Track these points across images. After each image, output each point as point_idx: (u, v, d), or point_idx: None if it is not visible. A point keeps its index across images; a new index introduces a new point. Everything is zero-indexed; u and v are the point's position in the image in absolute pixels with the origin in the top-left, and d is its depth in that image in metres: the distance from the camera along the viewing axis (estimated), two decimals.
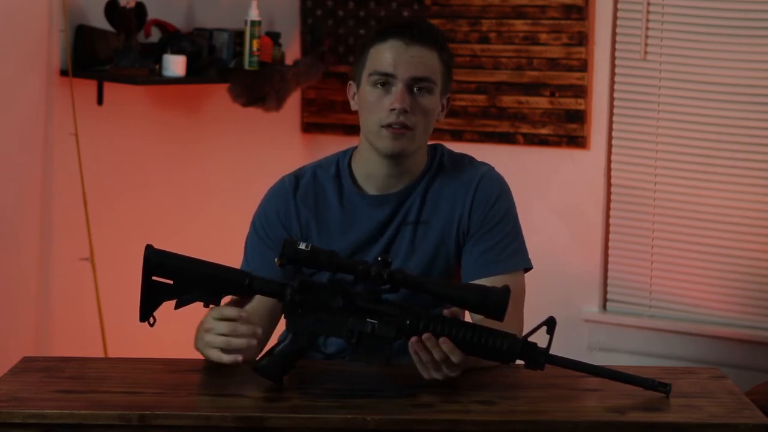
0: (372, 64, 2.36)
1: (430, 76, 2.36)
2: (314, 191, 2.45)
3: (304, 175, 2.48)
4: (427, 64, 2.36)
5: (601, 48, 4.15)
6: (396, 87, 2.34)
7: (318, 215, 2.44)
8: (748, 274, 4.00)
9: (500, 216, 2.42)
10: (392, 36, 2.35)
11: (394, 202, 2.42)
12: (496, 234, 2.40)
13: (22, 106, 3.63)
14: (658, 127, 4.09)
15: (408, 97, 2.34)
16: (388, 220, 2.42)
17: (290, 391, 2.15)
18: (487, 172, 2.46)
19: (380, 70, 2.35)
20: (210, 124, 4.25)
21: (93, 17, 3.78)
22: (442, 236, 2.41)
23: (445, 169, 2.45)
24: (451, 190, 2.43)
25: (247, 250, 2.48)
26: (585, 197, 4.20)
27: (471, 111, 4.32)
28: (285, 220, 2.44)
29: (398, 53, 2.34)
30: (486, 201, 2.42)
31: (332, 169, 2.46)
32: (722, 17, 3.97)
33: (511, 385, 2.22)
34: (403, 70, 2.34)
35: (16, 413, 2.02)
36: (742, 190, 3.98)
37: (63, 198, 3.74)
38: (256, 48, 4.09)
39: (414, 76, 2.34)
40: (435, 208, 2.42)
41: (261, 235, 2.45)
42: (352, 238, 2.41)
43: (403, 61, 2.34)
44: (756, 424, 2.02)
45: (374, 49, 2.37)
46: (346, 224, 2.42)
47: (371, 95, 2.36)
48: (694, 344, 4.06)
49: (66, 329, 3.79)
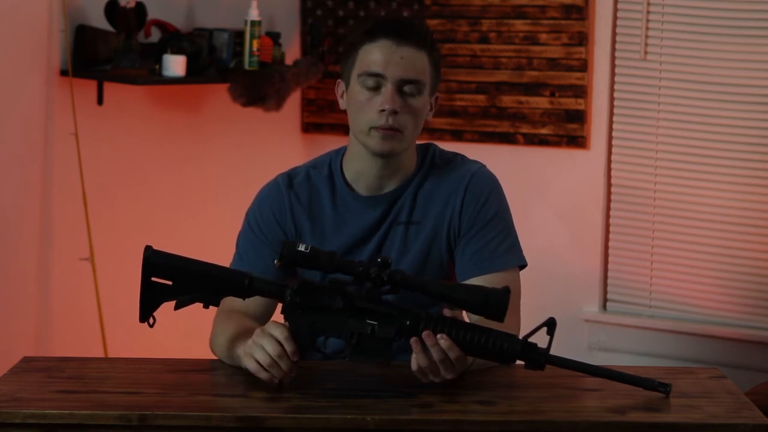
0: (361, 63, 2.35)
1: (420, 78, 2.35)
2: (308, 191, 2.46)
3: (297, 175, 2.48)
4: (416, 65, 2.35)
5: (601, 48, 4.15)
6: (385, 87, 2.33)
7: (311, 215, 2.44)
8: (748, 274, 4.00)
9: (492, 214, 2.42)
10: (382, 35, 2.34)
11: (386, 202, 2.42)
12: (488, 232, 2.40)
13: (22, 106, 3.63)
14: (658, 127, 4.09)
15: (397, 98, 2.33)
16: (380, 221, 2.42)
17: (290, 391, 2.15)
18: (477, 170, 2.45)
19: (370, 71, 2.34)
20: (210, 124, 4.25)
21: (93, 17, 3.78)
22: (434, 236, 2.42)
23: (437, 169, 2.45)
24: (441, 190, 2.43)
25: (239, 245, 2.48)
26: (585, 197, 4.20)
27: (471, 111, 4.32)
28: (279, 218, 2.44)
29: (388, 53, 2.33)
30: (477, 200, 2.41)
31: (325, 170, 2.47)
32: (722, 17, 3.96)
33: (511, 385, 2.22)
34: (392, 70, 2.33)
35: (16, 413, 2.02)
36: (742, 190, 3.98)
37: (63, 198, 3.74)
38: (256, 48, 4.09)
39: (403, 77, 2.34)
40: (426, 208, 2.42)
41: (255, 230, 2.45)
42: (344, 238, 2.42)
43: (392, 62, 2.33)
44: (756, 424, 2.02)
45: (364, 48, 2.36)
46: (339, 224, 2.43)
47: (361, 95, 2.35)
48: (694, 344, 4.06)
49: (66, 329, 3.79)
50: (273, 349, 2.13)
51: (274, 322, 2.19)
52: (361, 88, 2.35)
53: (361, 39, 2.37)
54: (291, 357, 2.13)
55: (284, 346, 2.13)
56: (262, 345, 2.14)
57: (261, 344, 2.14)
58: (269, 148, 4.44)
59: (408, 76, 2.34)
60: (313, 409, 2.05)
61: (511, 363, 2.15)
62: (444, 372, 2.12)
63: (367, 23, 2.41)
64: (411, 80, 2.34)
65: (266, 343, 2.13)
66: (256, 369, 2.15)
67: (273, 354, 2.12)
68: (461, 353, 2.11)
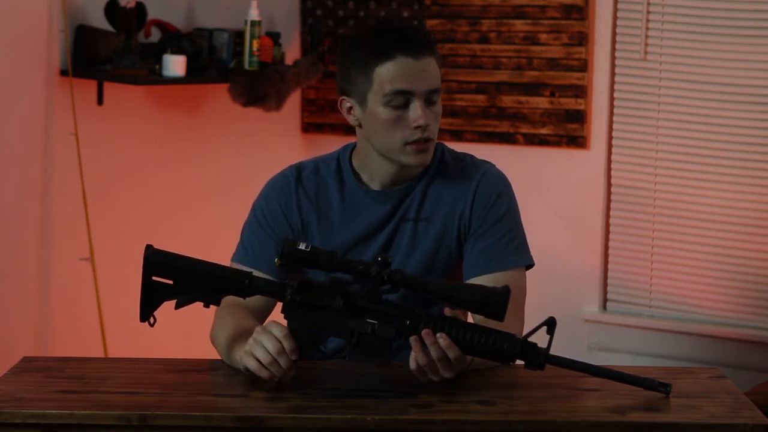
0: (383, 83, 2.34)
1: (439, 84, 2.38)
2: (316, 184, 2.46)
3: (305, 168, 2.48)
4: (435, 73, 2.37)
5: (601, 48, 4.15)
6: (414, 103, 2.34)
7: (319, 208, 2.44)
8: (748, 274, 4.00)
9: (501, 213, 2.42)
10: (398, 52, 2.33)
11: (396, 198, 2.43)
12: (498, 231, 2.41)
13: (22, 106, 3.63)
14: (658, 127, 4.09)
15: (426, 110, 2.34)
16: (389, 216, 2.43)
17: (290, 391, 2.15)
18: (488, 169, 2.47)
19: (397, 89, 2.33)
20: (210, 124, 4.25)
21: (93, 17, 3.78)
22: (443, 233, 2.42)
23: (447, 167, 2.46)
24: (452, 188, 2.44)
25: (244, 234, 2.48)
26: (585, 197, 4.20)
27: (471, 111, 4.32)
28: (287, 211, 2.44)
29: (411, 69, 2.33)
30: (487, 198, 2.42)
31: (333, 164, 2.47)
32: (722, 17, 3.96)
33: (511, 385, 2.22)
34: (419, 85, 2.34)
35: (16, 413, 2.02)
36: (742, 190, 3.98)
37: (63, 198, 3.74)
38: (256, 48, 4.09)
39: (430, 89, 2.35)
40: (436, 206, 2.43)
41: (261, 222, 2.45)
42: (352, 232, 2.42)
43: (417, 77, 2.33)
44: (756, 424, 2.02)
45: (381, 68, 2.34)
46: (347, 218, 2.43)
47: (388, 114, 2.35)
48: (694, 344, 4.06)
49: (66, 329, 3.79)
50: (272, 346, 2.13)
51: (274, 321, 2.20)
52: (386, 107, 2.35)
53: (374, 59, 2.34)
54: (290, 355, 2.13)
55: (283, 344, 2.13)
56: (261, 342, 2.14)
57: (261, 342, 2.14)
58: (269, 148, 4.44)
59: (432, 87, 2.35)
60: (313, 409, 2.05)
61: (512, 363, 2.15)
62: (442, 371, 2.12)
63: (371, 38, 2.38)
64: (435, 90, 2.36)
65: (266, 341, 2.14)
66: (256, 367, 2.15)
67: (272, 351, 2.13)
68: (460, 353, 2.11)
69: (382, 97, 2.34)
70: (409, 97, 2.34)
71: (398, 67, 2.33)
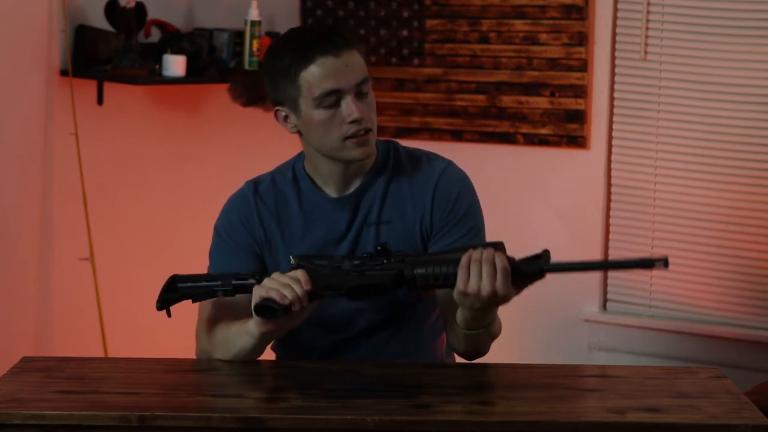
0: (311, 87, 2.35)
1: (366, 74, 2.39)
2: (274, 196, 2.47)
3: (263, 182, 2.50)
4: (359, 64, 2.37)
5: (601, 48, 4.14)
6: (345, 99, 2.35)
7: (279, 220, 2.45)
8: (748, 274, 4.00)
9: (462, 213, 2.44)
10: (318, 53, 2.35)
11: (353, 201, 2.44)
12: (460, 230, 2.43)
13: (22, 106, 3.63)
14: (658, 127, 4.09)
15: (359, 103, 2.35)
16: (350, 222, 2.44)
17: (290, 391, 2.15)
18: (445, 169, 2.47)
19: (326, 90, 2.34)
20: (210, 124, 4.25)
21: (93, 17, 3.78)
22: (406, 236, 2.43)
23: (403, 168, 2.47)
24: (411, 190, 2.45)
25: (211, 256, 2.49)
26: (585, 197, 4.20)
27: (471, 111, 4.32)
28: (248, 224, 2.46)
29: (334, 67, 2.34)
30: (447, 199, 2.44)
31: (289, 174, 2.49)
32: (722, 17, 3.96)
33: (511, 385, 2.22)
34: (345, 81, 2.35)
35: (16, 414, 2.02)
36: (742, 190, 3.98)
37: (63, 198, 3.74)
38: (256, 48, 4.09)
39: (357, 81, 2.36)
40: (396, 208, 2.44)
41: (224, 237, 2.47)
42: (315, 238, 2.43)
43: (341, 73, 2.35)
44: (756, 424, 2.02)
45: (306, 72, 2.35)
46: (309, 227, 2.44)
47: (322, 115, 2.36)
48: (694, 344, 4.06)
49: (66, 329, 3.79)
50: (287, 276, 2.21)
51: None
52: (318, 109, 2.36)
53: (297, 65, 2.36)
54: (304, 285, 2.19)
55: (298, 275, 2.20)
56: (274, 276, 2.21)
57: (274, 276, 2.21)
58: (269, 148, 4.42)
59: (359, 79, 2.37)
60: (313, 410, 2.05)
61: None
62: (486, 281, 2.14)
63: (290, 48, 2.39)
64: (362, 80, 2.37)
65: (279, 275, 2.21)
66: (267, 289, 2.19)
67: (287, 278, 2.20)
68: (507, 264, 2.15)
69: (313, 101, 2.36)
70: (339, 94, 2.35)
71: (322, 68, 2.34)
